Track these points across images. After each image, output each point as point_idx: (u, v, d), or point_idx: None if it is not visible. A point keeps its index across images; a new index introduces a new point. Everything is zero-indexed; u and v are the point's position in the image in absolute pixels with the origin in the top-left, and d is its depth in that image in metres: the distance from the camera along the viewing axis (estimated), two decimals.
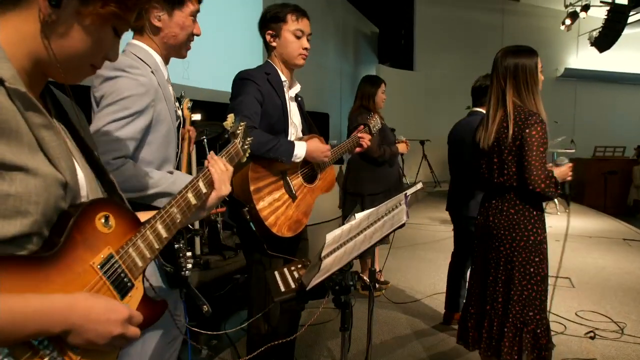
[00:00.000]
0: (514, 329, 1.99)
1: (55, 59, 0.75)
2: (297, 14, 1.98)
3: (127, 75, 1.31)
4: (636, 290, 4.01)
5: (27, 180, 0.69)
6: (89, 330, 0.72)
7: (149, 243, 0.86)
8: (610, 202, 10.24)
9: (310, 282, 1.28)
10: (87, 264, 0.76)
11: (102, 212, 0.79)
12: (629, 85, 14.52)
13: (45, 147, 0.73)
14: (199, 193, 1.03)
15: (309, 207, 2.04)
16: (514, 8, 12.99)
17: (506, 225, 2.01)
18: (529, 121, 1.93)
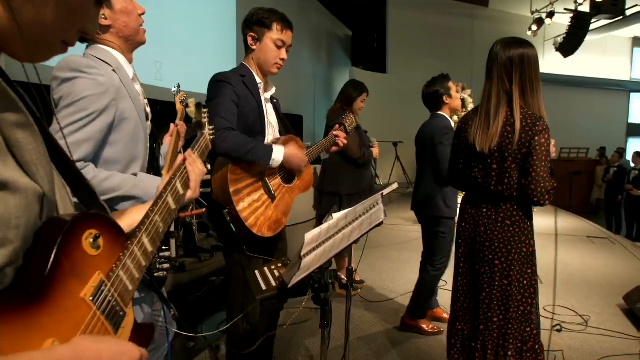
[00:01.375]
0: (516, 352, 1.85)
1: (19, 29, 0.58)
2: (283, 24, 1.99)
3: (84, 75, 1.29)
4: (599, 285, 4.19)
5: (6, 198, 0.54)
6: None
7: (137, 261, 0.74)
8: (575, 201, 10.64)
9: (291, 280, 1.31)
10: (77, 297, 0.62)
11: (89, 231, 0.65)
12: (592, 89, 15.14)
13: (19, 151, 0.58)
14: (177, 196, 0.94)
15: (288, 207, 2.07)
16: (483, 13, 13.35)
17: (500, 238, 1.85)
18: (537, 127, 1.76)
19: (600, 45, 14.17)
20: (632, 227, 8.54)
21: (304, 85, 10.79)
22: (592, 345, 2.93)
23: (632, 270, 4.71)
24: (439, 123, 3.00)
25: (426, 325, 3.09)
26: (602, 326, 3.21)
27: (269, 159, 1.91)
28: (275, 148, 1.94)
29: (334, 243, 1.41)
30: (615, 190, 8.95)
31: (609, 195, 9.28)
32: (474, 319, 1.94)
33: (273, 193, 2.01)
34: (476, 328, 1.92)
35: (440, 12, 12.79)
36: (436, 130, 2.94)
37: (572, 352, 2.82)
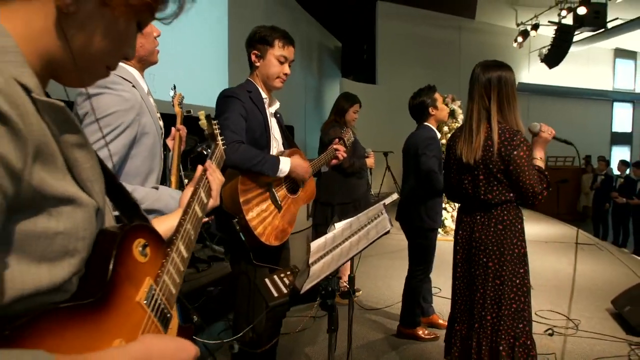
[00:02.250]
0: (507, 346, 1.96)
1: (74, 58, 0.62)
2: (285, 41, 2.09)
3: (110, 91, 1.33)
4: (588, 289, 4.31)
5: (75, 212, 0.58)
6: None
7: (176, 267, 0.79)
8: (563, 208, 10.83)
9: (303, 287, 1.39)
10: (134, 301, 0.67)
11: (138, 240, 0.70)
12: (576, 99, 15.48)
13: (77, 169, 0.62)
14: (202, 205, 0.99)
15: (293, 217, 2.15)
16: (469, 25, 13.62)
17: (494, 241, 2.00)
18: (514, 142, 1.94)
19: (583, 56, 14.54)
20: (618, 234, 8.73)
21: (295, 96, 10.90)
22: (583, 348, 3.03)
23: (619, 275, 4.84)
24: (423, 134, 3.10)
25: (422, 332, 3.16)
26: (592, 329, 3.31)
27: (277, 170, 1.99)
28: (282, 159, 2.03)
29: (341, 251, 1.49)
30: (603, 198, 9.14)
31: (596, 203, 9.48)
32: (470, 319, 2.07)
33: (280, 203, 2.08)
34: (472, 327, 2.05)
35: (428, 24, 13.04)
36: (420, 140, 3.04)
37: (564, 355, 2.91)
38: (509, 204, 2.03)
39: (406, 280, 3.20)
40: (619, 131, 17.01)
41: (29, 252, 0.54)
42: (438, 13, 13.05)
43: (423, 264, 3.12)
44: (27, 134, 0.51)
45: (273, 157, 2.02)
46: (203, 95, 5.68)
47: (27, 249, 0.54)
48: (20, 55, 0.56)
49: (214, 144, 1.27)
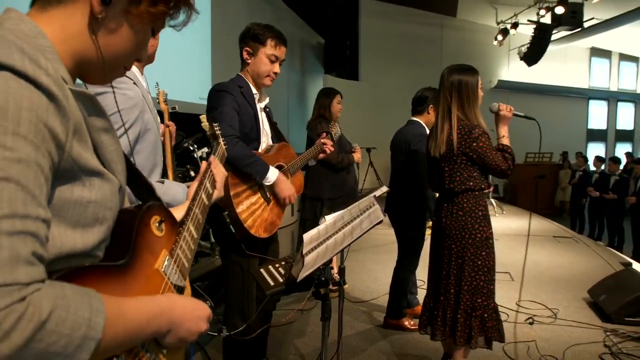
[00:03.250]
0: (465, 315, 2.22)
1: (103, 58, 0.71)
2: (278, 40, 2.13)
3: (115, 90, 1.35)
4: (566, 280, 4.46)
5: (103, 185, 0.67)
6: (184, 328, 0.74)
7: (188, 244, 0.89)
8: (541, 203, 11.11)
9: (299, 275, 1.43)
10: (153, 268, 0.77)
11: (155, 216, 0.80)
12: (554, 96, 15.81)
13: (102, 151, 0.71)
14: (208, 194, 1.11)
15: (282, 210, 2.19)
16: (451, 23, 13.79)
17: (456, 226, 2.25)
18: (472, 134, 2.19)
19: (561, 54, 14.85)
20: (594, 227, 9.00)
21: (278, 92, 10.88)
22: (561, 336, 3.15)
23: (595, 266, 5.01)
24: (414, 130, 3.18)
25: (407, 323, 3.24)
26: (569, 318, 3.45)
27: (264, 177, 2.04)
28: (271, 169, 2.06)
29: (335, 241, 1.54)
30: (580, 193, 9.40)
31: (574, 198, 9.73)
32: (437, 293, 2.36)
33: (268, 196, 2.12)
34: (437, 299, 2.34)
35: (410, 22, 13.15)
36: (411, 136, 3.13)
37: (544, 342, 3.03)
38: (469, 193, 2.26)
39: (395, 271, 3.28)
40: (594, 128, 17.45)
41: (66, 217, 0.62)
42: (420, 10, 13.17)
43: (412, 255, 3.20)
44: (70, 113, 0.61)
45: (264, 163, 2.05)
46: (186, 92, 5.66)
47: (64, 214, 0.62)
48: (56, 54, 0.65)
49: (216, 142, 1.36)
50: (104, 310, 0.57)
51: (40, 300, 0.51)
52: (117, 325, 0.60)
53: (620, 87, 17.40)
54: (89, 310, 0.55)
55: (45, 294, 0.52)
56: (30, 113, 0.55)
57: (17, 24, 0.63)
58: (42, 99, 0.56)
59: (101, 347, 0.57)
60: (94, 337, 0.55)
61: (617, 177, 8.25)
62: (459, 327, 2.23)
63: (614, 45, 16.08)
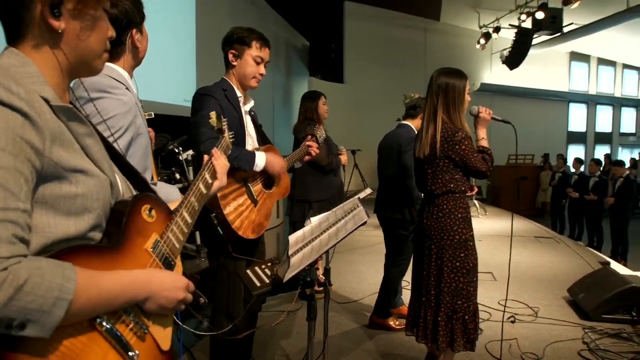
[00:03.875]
0: (446, 318, 2.23)
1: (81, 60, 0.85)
2: (262, 42, 2.16)
3: (110, 95, 1.38)
4: (546, 279, 4.56)
5: (88, 180, 0.81)
6: (162, 296, 0.88)
7: (180, 228, 1.02)
8: (523, 204, 11.30)
9: (285, 276, 1.46)
10: (142, 248, 0.91)
11: (145, 205, 0.93)
12: (535, 99, 16.12)
13: (89, 152, 0.84)
14: (206, 183, 1.21)
15: (269, 211, 2.22)
16: (435, 27, 13.96)
17: (436, 227, 2.27)
18: (456, 137, 2.22)
19: (541, 58, 15.13)
20: (574, 228, 9.19)
21: (263, 94, 10.87)
22: (541, 334, 3.22)
23: (574, 265, 5.13)
24: (404, 133, 3.24)
25: (393, 322, 3.28)
26: (550, 316, 3.53)
27: (253, 164, 2.06)
28: (258, 154, 2.09)
29: (320, 242, 1.57)
30: (560, 194, 9.58)
31: (554, 199, 9.92)
32: (419, 294, 2.37)
33: (255, 198, 2.14)
34: (420, 301, 2.36)
35: (394, 25, 13.28)
36: (402, 139, 3.18)
37: (525, 340, 3.10)
38: (449, 195, 2.28)
39: (386, 269, 3.32)
40: (574, 130, 17.81)
41: (59, 209, 0.78)
42: (404, 14, 13.31)
43: (403, 254, 3.24)
44: (43, 125, 0.74)
45: (249, 152, 2.08)
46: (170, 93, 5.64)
47: (57, 206, 0.77)
48: (42, 77, 0.80)
49: (222, 136, 1.44)
50: (76, 279, 0.72)
51: (18, 270, 0.67)
52: (90, 291, 0.74)
53: (599, 90, 17.81)
54: (61, 277, 0.70)
55: (24, 265, 0.68)
56: (7, 130, 0.69)
57: (8, 58, 0.79)
58: (17, 118, 0.71)
59: (76, 307, 0.72)
60: (66, 299, 0.70)
61: (596, 178, 8.43)
62: (440, 330, 2.23)
63: (592, 49, 16.46)
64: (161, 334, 0.93)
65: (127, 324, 0.85)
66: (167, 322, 0.96)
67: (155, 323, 0.91)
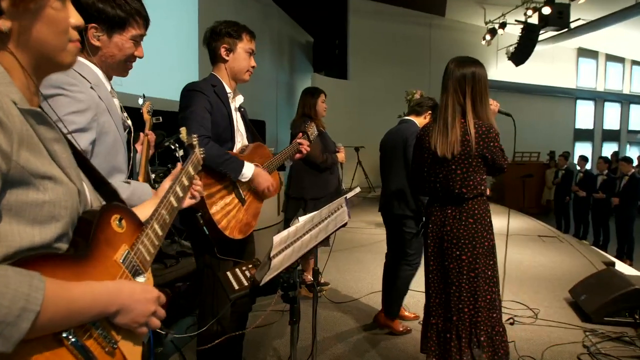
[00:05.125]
0: (487, 336, 2.04)
1: (42, 55, 0.79)
2: (251, 34, 2.14)
3: (64, 92, 1.32)
4: (548, 280, 4.48)
5: (56, 187, 0.77)
6: (133, 308, 0.84)
7: (151, 240, 0.98)
8: (528, 202, 11.15)
9: (262, 279, 1.40)
10: (111, 259, 0.87)
11: (115, 215, 0.89)
12: (541, 96, 15.94)
13: (57, 159, 0.80)
14: (178, 197, 1.18)
15: (257, 211, 2.16)
16: (440, 23, 13.82)
17: (466, 235, 2.05)
18: (490, 134, 2.04)
19: (548, 55, 14.95)
20: (579, 226, 9.07)
21: (266, 91, 10.85)
22: (541, 336, 3.15)
23: (577, 265, 5.04)
24: (410, 127, 3.16)
25: (400, 326, 3.18)
26: (550, 318, 3.45)
27: (239, 174, 2.01)
28: (247, 165, 2.03)
29: (302, 244, 1.51)
30: (564, 192, 9.46)
31: (558, 197, 9.80)
32: (446, 312, 2.11)
33: (243, 197, 2.09)
34: (449, 320, 2.09)
35: (399, 21, 13.16)
36: (408, 133, 3.09)
37: (523, 343, 3.02)
38: (480, 198, 2.11)
39: (397, 270, 3.18)
40: (581, 128, 17.61)
41: (24, 216, 0.73)
42: (409, 10, 13.19)
43: (415, 252, 3.12)
44: (12, 127, 0.70)
45: (238, 160, 2.02)
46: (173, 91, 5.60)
47: (22, 214, 0.72)
48: (8, 78, 0.76)
49: (192, 151, 1.39)
50: (44, 288, 0.68)
51: None
52: (59, 303, 0.70)
53: (607, 87, 17.58)
54: (29, 287, 0.66)
55: None
56: None
57: None
58: None
59: (43, 320, 0.68)
60: (33, 310, 0.66)
61: (604, 176, 8.30)
62: (484, 349, 2.03)
63: (600, 46, 16.24)
64: (131, 349, 0.89)
65: (95, 338, 0.81)
66: (137, 339, 0.92)
67: (125, 338, 0.87)
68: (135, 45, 1.48)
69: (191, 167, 1.30)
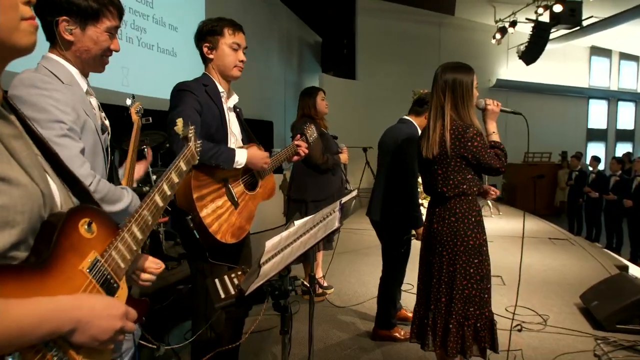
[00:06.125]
0: (457, 325, 2.13)
1: None
2: (234, 27, 2.04)
3: (41, 92, 1.27)
4: (558, 284, 4.35)
5: (11, 190, 0.70)
6: (94, 326, 0.76)
7: (127, 245, 0.91)
8: (540, 204, 11.00)
9: (248, 288, 1.33)
10: (76, 269, 0.79)
11: (84, 219, 0.82)
12: (553, 95, 15.68)
13: (17, 157, 0.73)
14: (164, 195, 1.08)
15: (251, 214, 2.09)
16: (449, 22, 13.66)
17: (448, 232, 2.14)
18: (467, 135, 2.08)
19: (560, 53, 14.71)
20: (591, 229, 8.88)
21: (275, 91, 10.80)
22: (550, 344, 3.04)
23: (588, 269, 4.90)
24: (406, 128, 3.01)
25: (398, 333, 3.07)
26: (560, 325, 3.33)
27: (233, 162, 1.94)
28: (238, 150, 1.97)
29: (291, 250, 1.44)
30: (577, 194, 9.28)
31: (571, 198, 9.61)
32: (427, 301, 2.26)
33: (236, 200, 2.02)
34: (428, 308, 2.24)
35: (408, 20, 13.03)
36: (401, 134, 2.95)
37: (531, 351, 2.92)
38: (462, 197, 2.15)
39: (382, 281, 3.11)
40: (594, 127, 17.31)
41: None
42: (418, 9, 13.06)
43: (399, 263, 3.03)
44: None
45: (228, 149, 1.96)
46: None
47: None
48: None
49: (187, 145, 1.30)
50: None
51: None
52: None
53: (621, 86, 17.27)
54: None
55: None
56: None
57: None
58: None
59: None
60: None
61: (617, 177, 8.12)
62: (450, 337, 2.12)
63: (614, 44, 15.95)
64: None
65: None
66: (103, 356, 0.84)
67: (87, 357, 0.79)
68: (111, 38, 1.42)
69: (183, 161, 1.19)
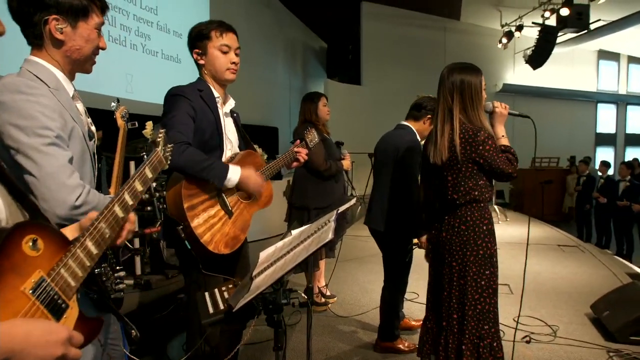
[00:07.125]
0: (472, 346, 2.00)
1: None
2: (221, 29, 1.96)
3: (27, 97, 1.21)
4: (567, 293, 4.23)
5: None
6: (30, 355, 0.70)
7: (80, 262, 0.85)
8: (548, 209, 10.83)
9: (237, 303, 1.25)
10: (17, 290, 0.74)
11: (28, 236, 0.77)
12: (560, 100, 15.52)
13: None
14: (125, 205, 1.01)
15: (246, 223, 2.01)
16: (455, 26, 13.58)
17: (457, 241, 2.04)
18: (478, 138, 1.98)
19: (567, 57, 14.57)
20: (601, 235, 8.71)
21: (280, 96, 10.77)
22: (559, 356, 2.92)
23: (599, 277, 4.77)
24: (405, 135, 2.89)
25: (402, 345, 2.96)
26: (570, 336, 3.22)
27: (224, 179, 1.85)
28: (232, 168, 1.87)
29: (284, 262, 1.36)
30: (586, 199, 9.12)
31: (579, 204, 9.45)
32: (439, 317, 2.14)
33: (230, 209, 1.95)
34: (440, 324, 2.12)
35: (413, 25, 12.97)
36: (400, 142, 2.84)
37: None
38: (473, 205, 2.05)
39: (383, 292, 2.99)
40: (603, 132, 17.10)
41: None
42: (423, 14, 12.99)
43: (402, 273, 2.93)
44: None
45: (222, 165, 1.87)
46: None
47: None
48: None
49: (154, 149, 1.22)
50: None
51: None
52: None
53: (630, 90, 17.05)
54: None
55: None
56: None
57: None
58: None
59: None
60: None
61: (627, 182, 7.96)
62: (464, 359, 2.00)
63: (622, 47, 15.76)
64: None
65: None
66: None
67: None
68: (98, 35, 1.36)
69: (149, 168, 1.12)
